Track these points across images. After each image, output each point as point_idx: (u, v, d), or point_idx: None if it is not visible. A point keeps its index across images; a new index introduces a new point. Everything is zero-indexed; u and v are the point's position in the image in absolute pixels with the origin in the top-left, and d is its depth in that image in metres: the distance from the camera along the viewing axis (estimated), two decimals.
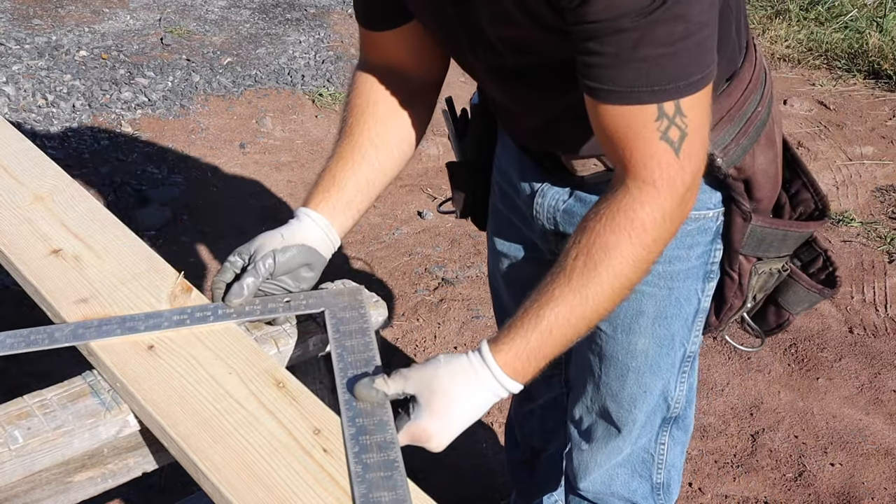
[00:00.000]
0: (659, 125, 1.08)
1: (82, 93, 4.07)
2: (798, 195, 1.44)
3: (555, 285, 1.14)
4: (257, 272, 1.28)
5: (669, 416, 1.58)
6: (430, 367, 1.14)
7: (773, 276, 1.44)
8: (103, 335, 1.25)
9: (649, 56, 1.04)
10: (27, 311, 2.79)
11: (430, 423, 1.12)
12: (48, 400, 1.16)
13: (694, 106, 1.09)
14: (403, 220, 3.45)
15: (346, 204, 1.35)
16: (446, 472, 2.44)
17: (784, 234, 1.39)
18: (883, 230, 3.43)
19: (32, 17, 4.78)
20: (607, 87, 1.07)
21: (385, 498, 1.04)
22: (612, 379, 1.52)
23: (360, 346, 1.25)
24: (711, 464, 2.46)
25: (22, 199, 1.55)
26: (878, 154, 3.98)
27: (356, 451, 1.10)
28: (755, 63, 1.34)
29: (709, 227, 1.39)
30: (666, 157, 1.10)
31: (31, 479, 1.13)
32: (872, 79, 4.59)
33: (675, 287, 1.42)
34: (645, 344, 1.47)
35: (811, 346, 2.87)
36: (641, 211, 1.12)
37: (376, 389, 1.13)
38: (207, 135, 3.89)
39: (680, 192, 1.13)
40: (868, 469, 2.44)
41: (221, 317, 1.29)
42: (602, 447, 1.62)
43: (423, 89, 1.42)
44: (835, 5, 5.17)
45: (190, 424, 1.12)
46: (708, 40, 1.07)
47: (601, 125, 1.12)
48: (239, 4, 5.21)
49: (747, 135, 1.31)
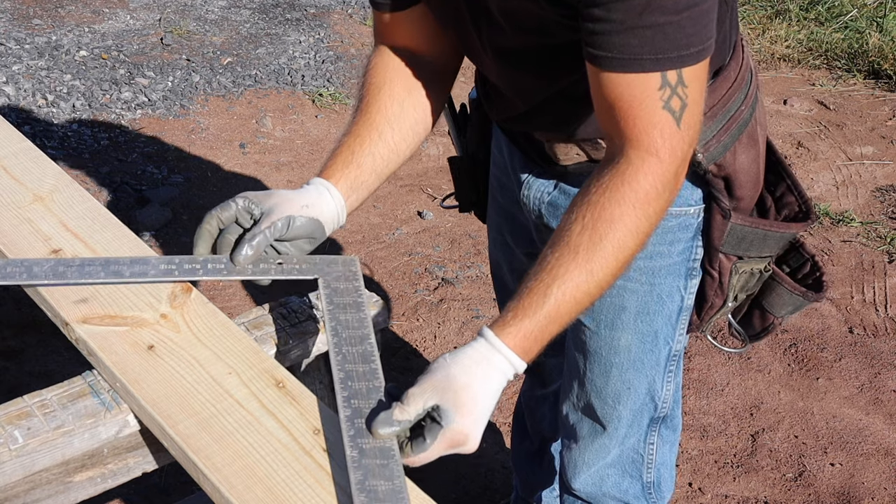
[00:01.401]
0: (662, 94, 1.09)
1: (82, 93, 4.07)
2: (783, 198, 1.45)
3: (561, 262, 1.12)
4: (267, 236, 1.25)
5: (657, 415, 1.58)
6: (440, 371, 1.10)
7: (754, 276, 1.44)
8: (85, 276, 1.22)
9: (655, 23, 1.05)
10: (27, 311, 2.79)
11: (464, 423, 1.08)
12: (48, 400, 1.16)
13: (695, 77, 1.10)
14: (403, 220, 3.45)
15: (361, 184, 1.33)
16: (446, 473, 2.44)
17: (764, 234, 1.39)
18: (883, 230, 3.43)
19: (32, 17, 4.78)
20: (612, 55, 1.08)
21: (382, 487, 1.01)
22: (597, 375, 1.53)
23: (356, 321, 1.23)
24: (711, 464, 2.46)
25: (22, 199, 1.55)
26: (878, 154, 3.98)
27: (352, 434, 1.07)
28: (741, 63, 1.35)
29: (690, 224, 1.39)
30: (668, 127, 1.11)
31: (31, 479, 1.13)
32: (872, 79, 4.59)
33: (656, 283, 1.43)
34: (628, 340, 1.47)
35: (811, 346, 2.87)
36: (645, 181, 1.12)
37: (398, 421, 1.07)
38: (207, 135, 3.90)
39: (679, 162, 1.14)
40: (868, 469, 2.44)
41: (210, 272, 1.27)
42: (588, 445, 1.62)
43: (439, 72, 1.42)
44: (835, 5, 5.18)
45: (190, 424, 1.12)
46: (710, 12, 1.09)
47: (604, 95, 1.12)
48: (239, 4, 5.21)
49: (729, 132, 1.32)
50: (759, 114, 1.39)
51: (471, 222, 3.39)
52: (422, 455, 1.07)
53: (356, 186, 1.33)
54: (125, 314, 1.29)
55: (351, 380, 1.14)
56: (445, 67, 1.43)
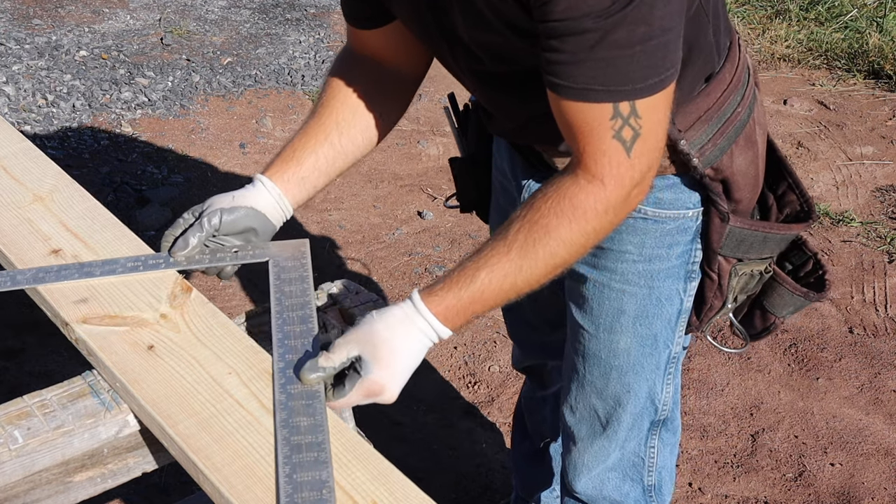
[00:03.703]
0: (613, 124, 1.11)
1: (82, 93, 4.07)
2: (784, 196, 1.45)
3: (494, 251, 1.18)
4: (202, 227, 1.35)
5: (658, 418, 1.59)
6: (366, 324, 1.18)
7: (754, 277, 1.46)
8: (62, 279, 1.34)
9: (607, 57, 1.06)
10: (27, 311, 2.79)
11: (380, 374, 1.15)
12: (48, 400, 1.16)
13: (650, 108, 1.11)
14: (403, 220, 3.45)
15: (302, 179, 1.40)
16: (446, 473, 2.44)
17: (764, 237, 1.40)
18: (883, 230, 3.43)
19: (32, 17, 4.78)
20: (565, 84, 1.10)
21: (304, 423, 1.11)
22: (596, 377, 1.54)
23: (298, 291, 1.33)
24: (711, 464, 2.46)
25: (22, 199, 1.55)
26: (878, 154, 3.98)
27: (282, 382, 1.17)
28: (737, 64, 1.35)
29: (688, 227, 1.40)
30: (616, 156, 1.13)
31: (31, 479, 1.13)
32: (872, 79, 4.59)
33: (655, 286, 1.43)
34: (627, 343, 1.48)
35: (811, 346, 2.87)
36: (586, 201, 1.16)
37: (323, 368, 1.16)
38: (207, 135, 3.90)
39: (627, 189, 1.16)
40: (868, 469, 2.44)
41: (172, 265, 1.37)
42: (588, 447, 1.62)
43: (402, 82, 1.46)
44: (835, 5, 5.17)
45: (190, 424, 1.12)
46: (669, 44, 1.09)
47: (559, 117, 1.16)
48: (239, 4, 5.21)
49: (725, 135, 1.32)
50: (757, 114, 1.39)
51: (471, 222, 3.39)
52: (341, 400, 1.16)
53: (296, 181, 1.40)
54: (125, 314, 1.29)
55: (288, 338, 1.24)
56: (411, 76, 1.47)
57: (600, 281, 1.45)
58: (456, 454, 2.50)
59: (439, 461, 2.48)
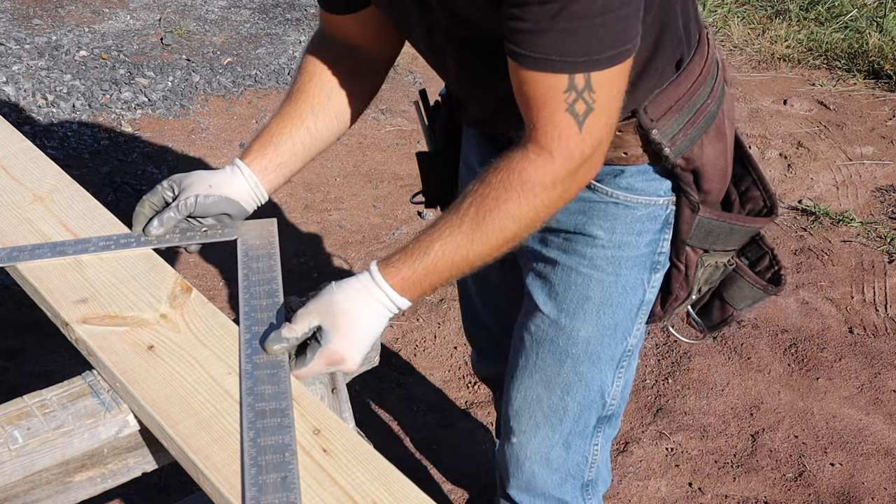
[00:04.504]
0: (567, 97, 1.13)
1: (82, 93, 4.07)
2: (748, 192, 1.48)
3: (447, 225, 1.21)
4: (178, 210, 1.40)
5: (605, 414, 1.57)
6: (325, 295, 1.21)
7: (718, 269, 1.48)
8: (35, 257, 1.39)
9: (567, 28, 1.08)
10: (27, 311, 2.80)
11: (339, 343, 1.19)
12: (48, 400, 1.16)
13: (605, 82, 1.13)
14: (403, 220, 3.45)
15: (279, 165, 1.44)
16: (446, 473, 2.44)
17: (731, 228, 1.42)
18: (883, 230, 3.43)
19: (32, 17, 4.78)
20: (524, 52, 1.12)
21: (268, 390, 1.16)
22: (549, 364, 1.52)
23: (265, 268, 1.38)
24: (711, 464, 2.46)
25: (22, 199, 1.55)
26: (878, 154, 3.98)
27: (248, 353, 1.22)
28: (706, 57, 1.37)
29: (658, 215, 1.41)
30: (567, 129, 1.15)
31: (30, 479, 1.13)
32: (872, 79, 4.59)
33: (622, 274, 1.44)
34: (588, 331, 1.48)
35: (811, 346, 2.87)
36: (534, 174, 1.18)
37: (286, 338, 1.20)
38: (207, 135, 3.90)
39: (576, 163, 1.18)
40: (868, 469, 2.44)
41: (143, 243, 1.42)
42: (531, 438, 1.58)
43: (375, 63, 1.49)
44: (835, 5, 5.17)
45: (190, 424, 1.12)
46: (628, 19, 1.11)
47: (517, 87, 1.17)
48: (239, 4, 5.21)
49: (696, 125, 1.34)
50: (726, 107, 1.41)
51: None
52: (304, 369, 1.20)
53: (273, 167, 1.44)
54: (125, 314, 1.29)
55: (255, 311, 1.29)
56: (383, 57, 1.49)
57: (568, 265, 1.46)
58: (456, 454, 2.50)
59: (439, 461, 2.48)
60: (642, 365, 2.78)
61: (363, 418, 2.46)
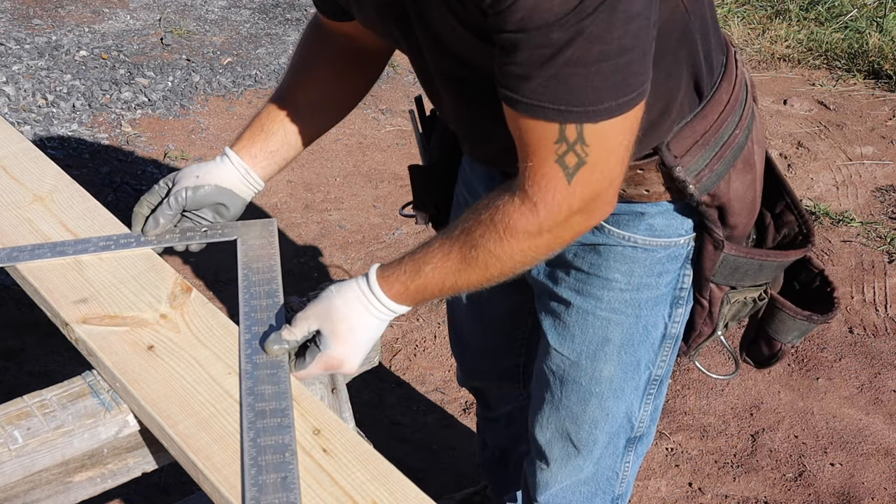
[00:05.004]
0: (557, 148, 1.05)
1: (82, 93, 4.06)
2: (782, 216, 1.39)
3: (440, 249, 1.18)
4: (170, 206, 1.40)
5: (634, 435, 1.54)
6: (325, 300, 1.21)
7: (747, 305, 1.40)
8: (35, 257, 1.39)
9: (558, 74, 1.00)
10: (27, 311, 2.79)
11: (338, 349, 1.19)
12: (48, 400, 1.16)
13: (601, 136, 1.05)
14: (403, 221, 3.45)
15: (270, 153, 1.43)
16: (446, 473, 2.44)
17: (760, 265, 1.34)
18: (883, 230, 3.43)
19: (32, 17, 4.78)
20: (515, 96, 1.04)
21: (268, 390, 1.16)
22: (574, 403, 1.48)
23: (265, 268, 1.39)
24: (711, 464, 2.46)
25: (22, 199, 1.55)
26: (878, 154, 3.98)
27: (248, 353, 1.22)
28: (734, 81, 1.29)
29: (679, 255, 1.34)
30: (555, 182, 1.08)
31: (30, 479, 1.13)
32: (872, 79, 4.59)
33: (642, 315, 1.38)
34: (610, 371, 1.43)
35: (811, 346, 2.87)
36: (518, 221, 1.11)
37: (286, 341, 1.21)
38: (207, 135, 3.89)
39: (563, 216, 1.10)
40: (868, 469, 2.44)
41: (143, 243, 1.42)
42: (562, 467, 1.57)
43: (372, 55, 1.46)
44: (835, 5, 5.17)
45: (190, 424, 1.12)
46: (631, 65, 1.01)
47: (513, 131, 1.10)
48: (239, 4, 5.21)
49: (723, 160, 1.25)
50: (756, 134, 1.32)
51: None
52: (302, 372, 1.21)
53: (264, 155, 1.42)
54: (125, 314, 1.29)
55: (255, 311, 1.30)
56: (376, 52, 1.46)
57: (585, 308, 1.39)
58: (456, 454, 2.50)
59: (439, 461, 2.48)
60: None
61: (363, 418, 2.46)
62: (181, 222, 1.43)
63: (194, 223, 1.44)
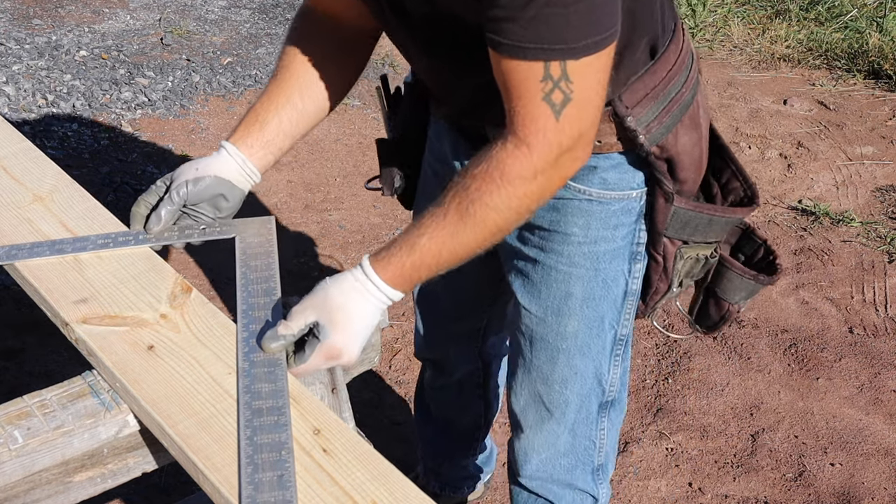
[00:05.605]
0: (543, 86, 1.12)
1: (82, 93, 4.07)
2: (728, 184, 1.48)
3: (432, 218, 1.22)
4: (171, 201, 1.40)
5: (605, 399, 1.61)
6: (320, 291, 1.22)
7: (699, 262, 1.48)
8: (34, 255, 1.39)
9: (539, 15, 1.08)
10: (27, 311, 2.79)
11: (337, 338, 1.20)
12: (48, 400, 1.16)
13: (582, 72, 1.12)
14: (403, 220, 3.45)
15: (266, 142, 1.44)
16: None
17: (709, 220, 1.42)
18: (883, 230, 3.43)
19: (32, 17, 4.78)
20: (501, 40, 1.12)
21: (265, 388, 1.16)
22: (543, 362, 1.55)
23: (263, 266, 1.39)
24: (711, 464, 2.46)
25: (22, 199, 1.55)
26: (878, 154, 3.98)
27: (246, 350, 1.22)
28: (681, 47, 1.38)
29: (632, 208, 1.42)
30: (544, 120, 1.14)
31: (30, 479, 1.13)
32: (872, 79, 4.59)
33: (601, 268, 1.46)
34: (575, 326, 1.50)
35: (811, 346, 2.87)
36: (514, 166, 1.17)
37: (283, 335, 1.21)
38: (207, 135, 3.90)
39: (554, 154, 1.17)
40: (868, 469, 2.44)
41: (141, 241, 1.42)
42: (537, 432, 1.64)
43: (359, 39, 1.48)
44: (835, 5, 5.18)
45: (190, 424, 1.12)
46: (605, 6, 1.10)
47: (498, 78, 1.17)
48: (239, 4, 5.21)
49: (670, 114, 1.34)
50: (700, 98, 1.42)
51: None
52: (303, 366, 1.21)
53: (260, 145, 1.43)
54: (125, 314, 1.29)
55: (252, 309, 1.30)
56: (365, 35, 1.48)
57: (548, 264, 1.47)
58: None
59: None
60: (642, 365, 2.78)
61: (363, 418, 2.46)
62: (180, 220, 1.44)
63: (193, 220, 1.45)
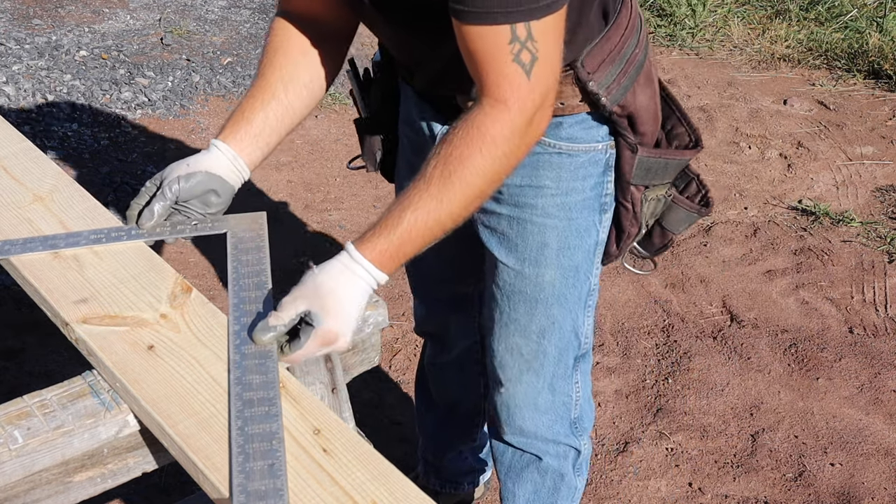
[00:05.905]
0: (512, 48, 1.19)
1: (82, 93, 4.07)
2: (673, 130, 1.57)
3: (416, 191, 1.25)
4: (164, 196, 1.42)
5: (580, 353, 1.67)
6: (309, 280, 1.24)
7: (659, 201, 1.57)
8: (28, 250, 1.40)
9: None
10: (27, 311, 2.79)
11: (331, 323, 1.21)
12: (48, 400, 1.16)
13: (545, 31, 1.19)
14: None
15: (254, 137, 1.46)
16: None
17: (666, 163, 1.52)
18: (883, 230, 3.43)
19: (32, 17, 4.78)
20: (466, 8, 1.17)
21: (256, 380, 1.17)
22: (521, 314, 1.60)
23: (254, 260, 1.40)
24: (711, 464, 2.46)
25: (22, 199, 1.55)
26: (878, 154, 3.98)
27: (237, 343, 1.23)
28: (631, 11, 1.46)
29: (599, 160, 1.50)
30: (517, 79, 1.21)
31: (30, 479, 1.13)
32: (872, 79, 4.59)
33: (573, 217, 1.53)
34: (552, 275, 1.56)
35: (811, 346, 2.87)
36: (493, 127, 1.22)
37: (273, 327, 1.22)
38: (207, 135, 3.90)
39: (529, 112, 1.23)
40: (868, 469, 2.44)
41: (134, 236, 1.43)
42: (517, 384, 1.68)
43: (335, 36, 1.52)
44: (835, 5, 5.18)
45: (190, 424, 1.12)
46: None
47: (464, 46, 1.22)
48: (239, 4, 5.21)
49: (627, 74, 1.43)
50: (651, 56, 1.51)
51: None
52: (299, 352, 1.21)
53: (248, 140, 1.46)
54: (125, 314, 1.30)
55: (243, 303, 1.30)
56: (341, 31, 1.53)
57: (522, 217, 1.52)
58: None
59: None
60: (642, 365, 2.78)
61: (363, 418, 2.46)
62: (171, 216, 1.46)
63: (184, 216, 1.46)
